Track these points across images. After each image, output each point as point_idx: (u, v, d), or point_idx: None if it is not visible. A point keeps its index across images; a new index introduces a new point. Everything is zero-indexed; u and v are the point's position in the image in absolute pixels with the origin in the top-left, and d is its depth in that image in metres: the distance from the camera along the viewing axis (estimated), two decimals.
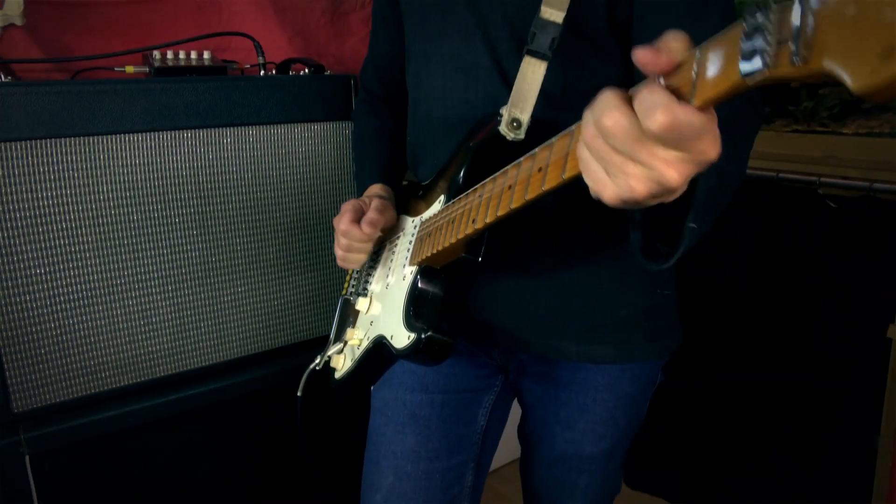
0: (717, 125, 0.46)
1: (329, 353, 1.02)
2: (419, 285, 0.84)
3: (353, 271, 1.09)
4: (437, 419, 1.00)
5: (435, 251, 0.81)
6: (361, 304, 0.97)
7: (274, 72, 1.43)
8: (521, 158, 0.67)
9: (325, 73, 1.37)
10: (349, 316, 1.02)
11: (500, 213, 0.68)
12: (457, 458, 1.02)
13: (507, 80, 0.85)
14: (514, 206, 0.66)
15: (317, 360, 1.02)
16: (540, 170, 0.62)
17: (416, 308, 0.83)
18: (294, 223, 1.35)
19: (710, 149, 0.46)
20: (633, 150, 0.46)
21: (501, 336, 0.95)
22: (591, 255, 0.90)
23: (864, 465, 1.61)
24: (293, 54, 1.58)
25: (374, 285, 0.97)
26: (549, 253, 0.89)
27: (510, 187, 0.67)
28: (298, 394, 1.01)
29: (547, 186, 0.60)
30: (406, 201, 0.98)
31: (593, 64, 0.83)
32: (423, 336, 0.78)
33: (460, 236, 0.76)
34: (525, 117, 0.80)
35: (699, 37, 0.78)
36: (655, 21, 0.79)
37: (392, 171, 1.06)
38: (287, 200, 1.32)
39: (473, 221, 0.73)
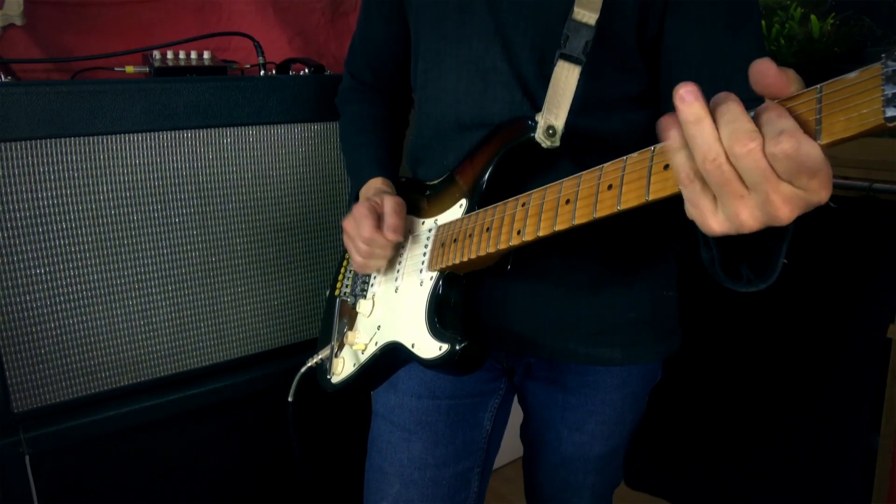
0: (830, 166, 0.45)
1: (321, 355, 1.00)
2: (442, 292, 0.82)
3: (344, 269, 1.07)
4: (444, 425, 0.99)
5: (465, 259, 0.78)
6: (363, 306, 0.94)
7: (274, 72, 1.43)
8: (582, 173, 0.64)
9: (325, 73, 1.37)
10: (344, 317, 1.00)
11: (559, 227, 0.65)
12: (463, 464, 1.01)
13: (525, 87, 0.84)
14: (577, 222, 0.63)
15: (308, 363, 1.00)
16: (610, 187, 0.59)
17: (441, 316, 0.81)
18: (294, 223, 1.34)
19: (823, 189, 0.45)
20: (759, 180, 0.45)
21: (511, 339, 0.94)
22: (601, 258, 0.90)
23: (864, 465, 1.61)
24: (293, 54, 1.58)
25: (378, 287, 0.95)
26: (560, 256, 0.89)
27: (568, 202, 0.64)
28: (290, 398, 0.99)
29: (625, 206, 0.57)
30: (409, 200, 0.97)
31: (615, 76, 0.82)
32: (457, 347, 0.75)
33: (501, 247, 0.73)
34: (559, 124, 0.78)
35: (735, 57, 0.79)
36: (689, 38, 0.78)
37: (390, 162, 1.03)
38: (287, 200, 1.32)
39: (519, 233, 0.71)
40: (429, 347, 0.79)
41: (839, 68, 0.43)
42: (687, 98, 0.47)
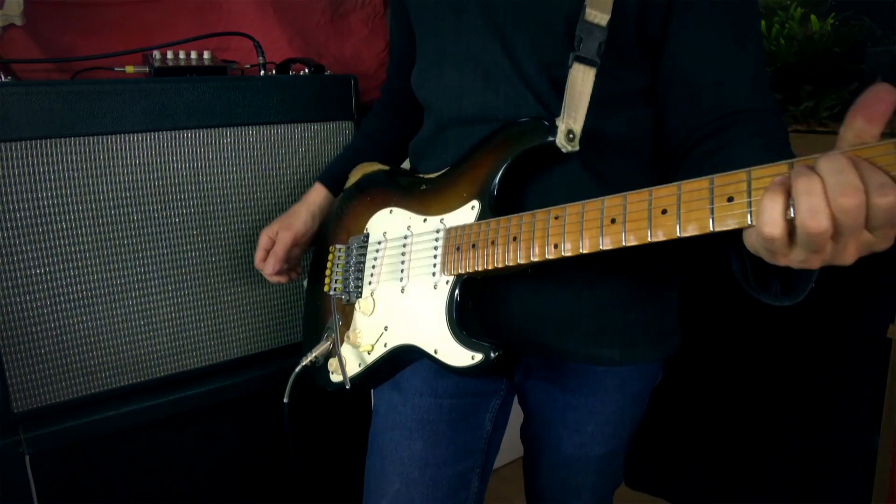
0: None
1: (315, 353, 0.98)
2: (461, 299, 0.80)
3: (331, 264, 1.06)
4: (445, 424, 0.98)
5: (490, 267, 0.77)
6: (363, 305, 0.93)
7: (274, 72, 1.43)
8: (626, 193, 0.63)
9: (325, 73, 1.37)
10: (338, 314, 0.99)
11: (607, 246, 0.65)
12: (464, 464, 1.01)
13: (527, 82, 0.84)
14: (629, 244, 0.63)
15: (303, 362, 0.99)
16: (665, 212, 0.59)
17: (464, 323, 0.80)
18: None
19: (892, 238, 0.45)
20: (849, 230, 0.44)
21: (511, 339, 0.93)
22: (606, 259, 0.89)
23: (864, 465, 1.61)
24: (293, 54, 1.58)
25: (378, 286, 0.94)
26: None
27: (614, 221, 0.64)
28: (285, 400, 0.98)
29: (685, 234, 0.57)
30: (402, 192, 0.95)
31: (617, 73, 0.82)
32: (492, 355, 0.75)
33: (535, 259, 0.72)
34: (578, 128, 0.78)
35: (737, 61, 0.78)
36: (692, 39, 0.78)
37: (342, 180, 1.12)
38: (287, 200, 1.32)
39: (556, 247, 0.70)
40: (458, 356, 0.78)
41: (839, 68, 0.43)
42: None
